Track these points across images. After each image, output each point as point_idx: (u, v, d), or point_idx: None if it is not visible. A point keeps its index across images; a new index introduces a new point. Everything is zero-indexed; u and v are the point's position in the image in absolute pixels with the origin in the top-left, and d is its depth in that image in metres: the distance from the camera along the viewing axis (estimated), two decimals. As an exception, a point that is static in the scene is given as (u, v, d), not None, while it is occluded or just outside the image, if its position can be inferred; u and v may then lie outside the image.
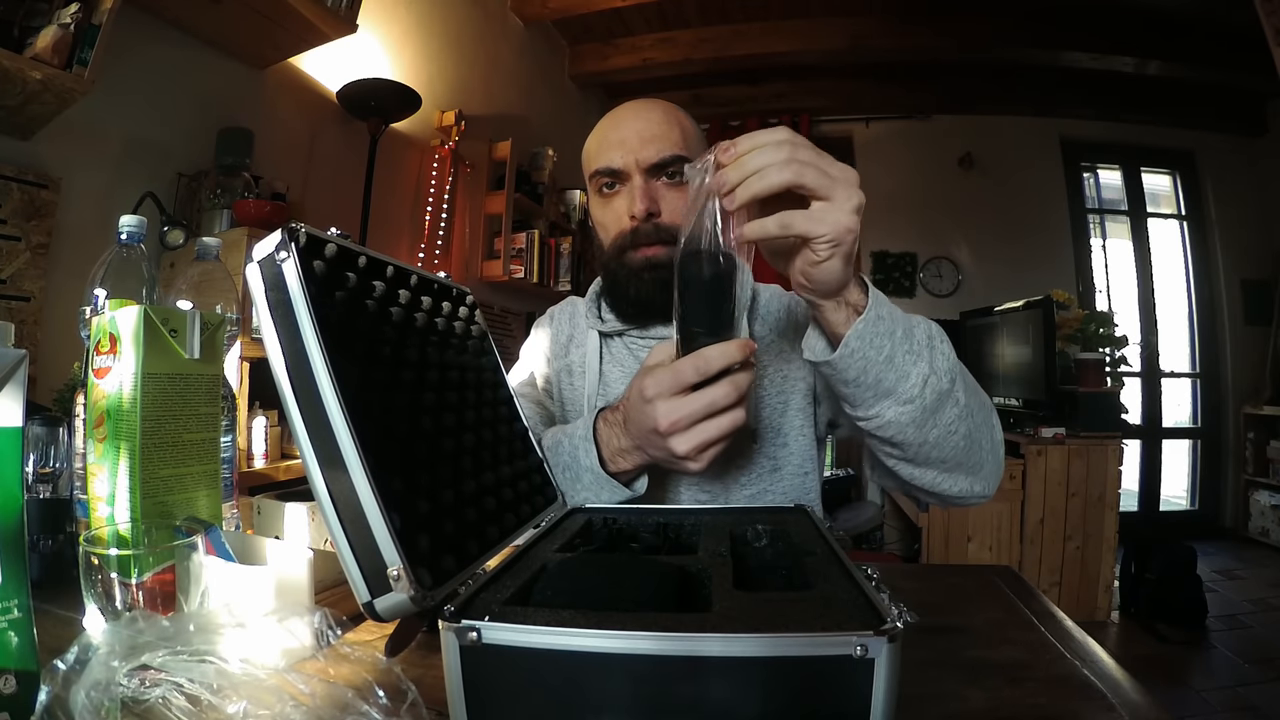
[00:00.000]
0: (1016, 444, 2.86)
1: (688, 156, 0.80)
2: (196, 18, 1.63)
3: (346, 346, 0.39)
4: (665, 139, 0.80)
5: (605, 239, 0.84)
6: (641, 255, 0.79)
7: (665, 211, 0.79)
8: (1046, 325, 2.85)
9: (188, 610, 0.42)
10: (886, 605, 0.30)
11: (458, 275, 2.41)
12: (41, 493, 0.60)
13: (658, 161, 0.79)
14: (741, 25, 3.52)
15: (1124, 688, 0.39)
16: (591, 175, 0.83)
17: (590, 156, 0.84)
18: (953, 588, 0.59)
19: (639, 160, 0.79)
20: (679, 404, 0.55)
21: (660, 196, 0.79)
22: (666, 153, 0.79)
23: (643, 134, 0.80)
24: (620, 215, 0.81)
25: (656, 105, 0.84)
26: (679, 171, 0.80)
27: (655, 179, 0.80)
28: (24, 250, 1.34)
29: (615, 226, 0.82)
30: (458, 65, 2.78)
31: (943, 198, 4.16)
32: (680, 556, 0.43)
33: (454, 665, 0.30)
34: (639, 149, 0.79)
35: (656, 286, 0.78)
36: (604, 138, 0.83)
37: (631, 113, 0.83)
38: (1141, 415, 4.04)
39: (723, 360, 0.53)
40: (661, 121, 0.81)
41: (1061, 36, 3.37)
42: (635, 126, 0.80)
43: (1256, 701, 2.03)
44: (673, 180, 0.80)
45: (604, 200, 0.83)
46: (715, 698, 0.29)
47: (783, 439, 0.82)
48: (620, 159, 0.79)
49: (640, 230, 0.79)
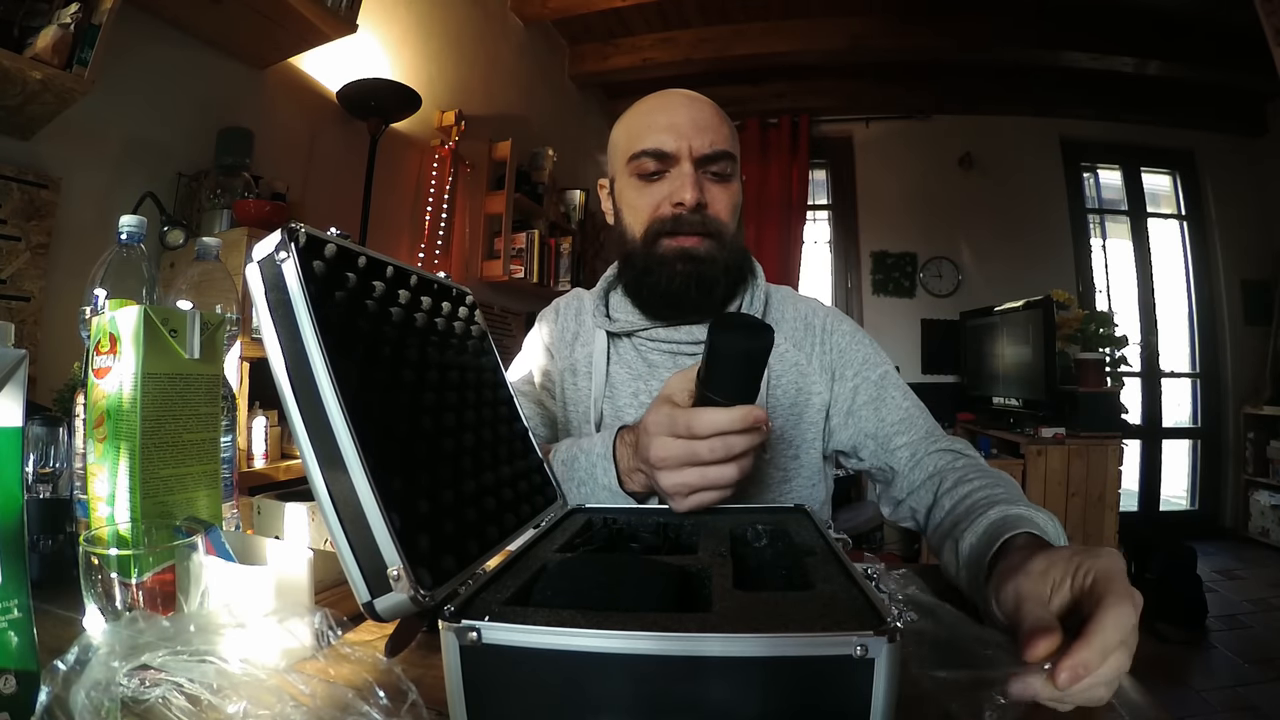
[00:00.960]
0: (1016, 444, 2.86)
1: (734, 155, 0.79)
2: (196, 18, 1.63)
3: (346, 346, 0.39)
4: (717, 132, 0.78)
5: (635, 225, 0.80)
6: (678, 244, 0.77)
7: (711, 204, 0.77)
8: (1046, 325, 2.85)
9: (188, 610, 0.42)
10: (886, 605, 0.30)
11: (458, 275, 2.42)
12: (41, 493, 0.60)
13: (709, 153, 0.77)
14: (741, 25, 3.52)
15: (1124, 688, 0.39)
16: (633, 156, 0.79)
17: (633, 136, 0.80)
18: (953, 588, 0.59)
19: (693, 147, 0.76)
20: (669, 444, 0.55)
21: (706, 189, 0.77)
22: (719, 145, 0.77)
23: (697, 122, 0.77)
24: (659, 201, 0.78)
25: (706, 100, 0.82)
26: (727, 171, 0.79)
27: (702, 170, 0.77)
28: (24, 250, 1.34)
29: (651, 212, 0.79)
30: (458, 65, 2.78)
31: (943, 198, 4.16)
32: (680, 556, 0.43)
33: (454, 665, 0.30)
34: (693, 135, 0.76)
35: (691, 281, 0.77)
36: (651, 120, 0.79)
37: (684, 100, 0.80)
38: (1141, 415, 4.04)
39: (712, 429, 0.53)
40: (714, 115, 0.80)
41: (1061, 36, 3.37)
42: (689, 114, 0.78)
43: (1256, 701, 2.03)
44: (719, 177, 0.78)
45: (642, 185, 0.79)
46: (715, 698, 0.29)
47: (794, 450, 0.80)
48: (673, 143, 0.76)
49: (684, 219, 0.76)
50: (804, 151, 4.17)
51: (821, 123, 4.27)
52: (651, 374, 0.84)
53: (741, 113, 4.18)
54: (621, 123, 0.83)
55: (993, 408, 3.35)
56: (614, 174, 0.85)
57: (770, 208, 4.12)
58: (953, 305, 4.06)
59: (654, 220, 0.78)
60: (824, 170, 4.42)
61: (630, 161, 0.79)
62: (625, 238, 0.82)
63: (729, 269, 0.81)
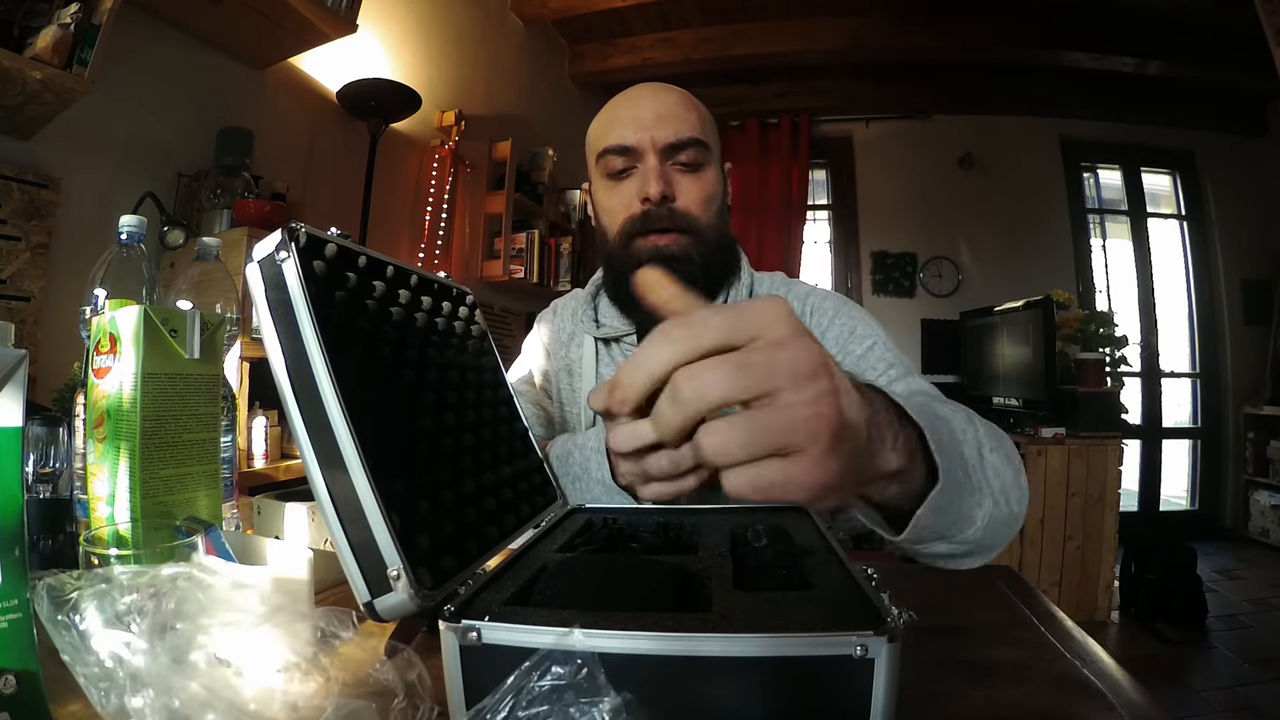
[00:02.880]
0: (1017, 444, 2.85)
1: (705, 142, 0.75)
2: (196, 18, 1.63)
3: (346, 346, 0.39)
4: (683, 120, 0.75)
5: (611, 226, 0.78)
6: (651, 243, 0.74)
7: (680, 197, 0.74)
8: (1046, 325, 2.85)
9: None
10: (886, 605, 0.30)
11: (458, 275, 2.41)
12: (41, 493, 0.60)
13: (675, 142, 0.73)
14: (741, 25, 3.52)
15: (1124, 688, 0.39)
16: (599, 155, 0.77)
17: (598, 135, 0.78)
18: (953, 588, 0.59)
19: (654, 139, 0.73)
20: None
21: (675, 181, 0.74)
22: (685, 134, 0.74)
23: (660, 112, 0.74)
24: (630, 199, 0.75)
25: (672, 88, 0.78)
26: (697, 160, 0.75)
27: (669, 162, 0.74)
28: (24, 250, 1.34)
29: (624, 212, 0.76)
30: (458, 65, 2.78)
31: (943, 198, 4.16)
32: (680, 556, 0.43)
33: (454, 665, 0.30)
34: (654, 127, 0.73)
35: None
36: (614, 115, 0.76)
37: (648, 91, 0.77)
38: (1141, 415, 4.04)
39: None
40: (679, 103, 0.76)
41: (1061, 36, 3.37)
42: (651, 104, 0.75)
43: (1256, 701, 2.03)
44: (688, 167, 0.75)
45: (612, 184, 0.77)
46: (715, 698, 0.29)
47: None
48: (634, 136, 0.73)
49: (652, 214, 0.73)
50: (804, 151, 4.17)
51: (821, 123, 4.27)
52: None
53: (741, 113, 4.19)
54: (594, 123, 0.81)
55: (993, 408, 3.35)
56: (590, 175, 0.83)
57: (770, 208, 4.12)
58: (953, 305, 4.06)
59: (627, 220, 0.75)
60: (824, 170, 4.42)
61: (599, 161, 0.77)
62: (605, 240, 0.80)
63: (708, 264, 0.77)
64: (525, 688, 0.23)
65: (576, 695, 0.23)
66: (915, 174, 4.20)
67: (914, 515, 0.41)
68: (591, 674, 0.24)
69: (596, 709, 0.22)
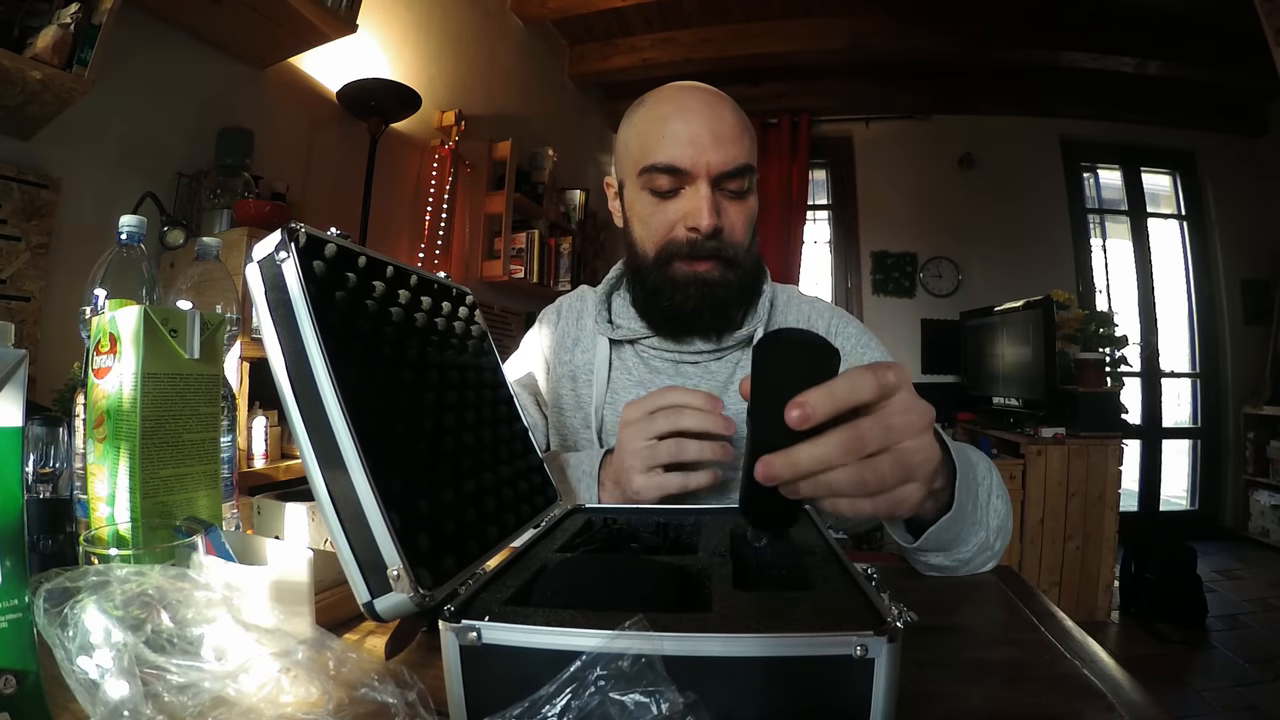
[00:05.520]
0: (1016, 444, 2.86)
1: (754, 167, 0.74)
2: (196, 18, 1.63)
3: (346, 346, 0.39)
4: (739, 145, 0.71)
5: (647, 242, 0.75)
6: (692, 269, 0.73)
7: (727, 227, 0.73)
8: (1046, 325, 2.85)
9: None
10: (886, 605, 0.30)
11: (458, 275, 2.42)
12: (41, 493, 0.60)
13: (729, 170, 0.70)
14: (741, 25, 3.52)
15: (1124, 688, 0.39)
16: (644, 169, 0.72)
17: (646, 145, 0.72)
18: (952, 587, 0.59)
19: (710, 164, 0.70)
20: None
21: (724, 210, 0.72)
22: (739, 160, 0.71)
23: (717, 134, 0.70)
24: (674, 221, 0.72)
25: (727, 103, 0.74)
26: (745, 187, 0.73)
27: (719, 189, 0.72)
28: (24, 250, 1.34)
29: (665, 232, 0.73)
30: (458, 65, 2.78)
31: (943, 198, 4.16)
32: (680, 556, 0.43)
33: (454, 665, 0.30)
34: (711, 150, 0.69)
35: (704, 305, 0.73)
36: (668, 129, 0.71)
37: (703, 104, 0.72)
38: (1141, 415, 4.04)
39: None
40: (736, 125, 0.72)
41: (1061, 36, 3.37)
42: (709, 124, 0.70)
43: (1256, 701, 2.03)
44: (736, 195, 0.73)
45: (655, 200, 0.73)
46: (715, 698, 0.29)
47: None
48: (689, 159, 0.70)
49: (701, 245, 0.71)
50: (804, 151, 4.18)
51: (821, 123, 4.27)
52: (654, 380, 0.82)
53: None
54: (633, 124, 0.76)
55: (993, 408, 3.35)
56: (623, 178, 0.79)
57: (770, 208, 4.12)
58: (953, 305, 4.06)
59: (668, 241, 0.73)
60: (824, 170, 4.42)
61: (641, 174, 0.73)
62: (635, 251, 0.78)
63: (743, 289, 0.78)
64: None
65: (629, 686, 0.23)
66: (915, 174, 4.20)
67: (930, 527, 0.53)
68: (652, 665, 0.24)
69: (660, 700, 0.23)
